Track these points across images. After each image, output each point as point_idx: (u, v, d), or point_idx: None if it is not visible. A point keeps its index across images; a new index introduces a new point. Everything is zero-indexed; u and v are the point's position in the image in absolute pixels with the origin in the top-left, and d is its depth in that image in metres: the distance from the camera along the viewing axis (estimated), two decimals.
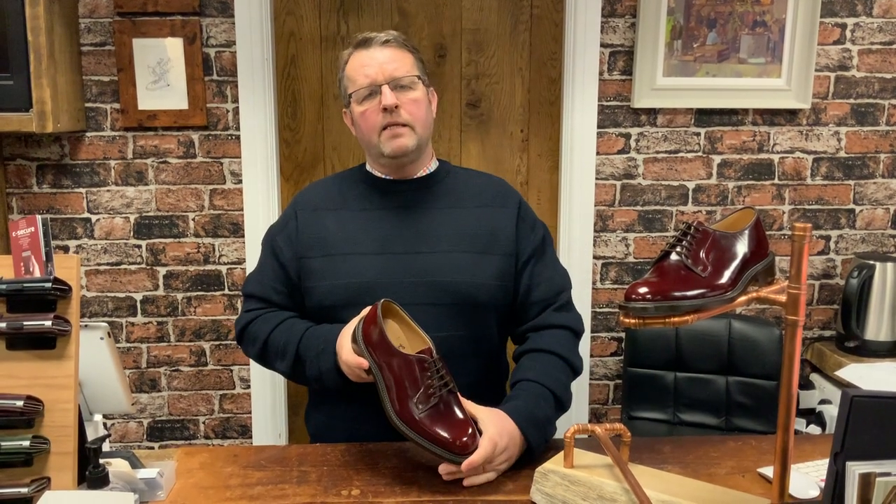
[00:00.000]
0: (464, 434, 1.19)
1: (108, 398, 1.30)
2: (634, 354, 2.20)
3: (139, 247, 2.37)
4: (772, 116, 2.37)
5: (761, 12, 2.30)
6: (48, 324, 1.10)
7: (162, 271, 2.38)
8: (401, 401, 1.20)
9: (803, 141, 2.39)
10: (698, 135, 2.38)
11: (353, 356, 1.26)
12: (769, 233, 2.41)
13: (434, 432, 1.18)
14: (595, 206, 2.39)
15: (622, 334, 2.45)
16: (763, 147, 2.39)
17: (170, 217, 2.36)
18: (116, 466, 1.14)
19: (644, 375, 2.19)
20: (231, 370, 2.43)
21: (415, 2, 2.35)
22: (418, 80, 1.44)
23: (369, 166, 1.54)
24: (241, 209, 2.35)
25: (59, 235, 2.34)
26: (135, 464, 1.21)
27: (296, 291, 1.49)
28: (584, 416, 2.49)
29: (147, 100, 2.27)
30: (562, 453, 1.16)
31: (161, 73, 2.26)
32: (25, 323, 1.10)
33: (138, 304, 2.39)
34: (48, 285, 1.11)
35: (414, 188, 1.49)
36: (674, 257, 1.00)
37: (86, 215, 2.34)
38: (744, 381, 2.11)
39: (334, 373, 1.33)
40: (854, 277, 2.26)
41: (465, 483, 1.21)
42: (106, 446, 1.21)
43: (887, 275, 2.27)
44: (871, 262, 2.28)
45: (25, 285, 1.12)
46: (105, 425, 1.34)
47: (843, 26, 2.34)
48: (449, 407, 1.21)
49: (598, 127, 2.35)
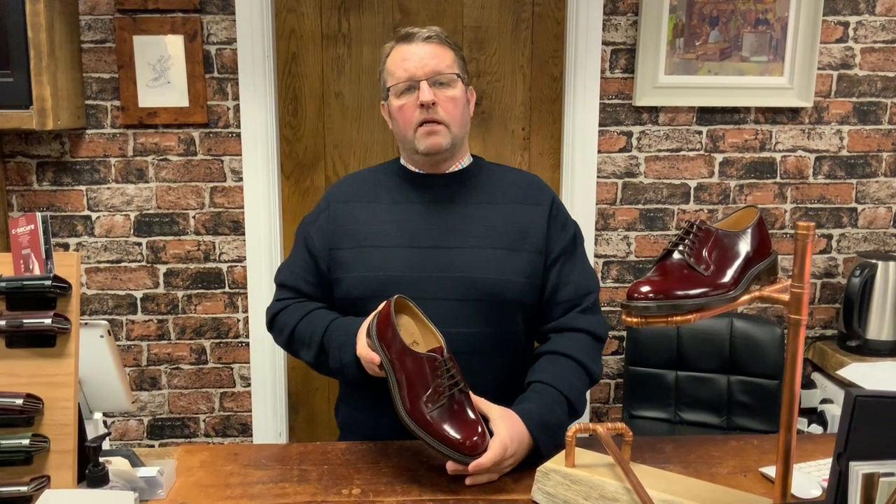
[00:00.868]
0: (473, 434, 1.18)
1: (108, 396, 1.30)
2: (636, 353, 2.19)
3: (139, 244, 2.36)
4: (774, 115, 2.37)
5: (763, 10, 2.29)
6: (48, 322, 1.10)
7: (162, 269, 2.38)
8: (411, 399, 1.19)
9: (805, 139, 2.39)
10: (700, 133, 2.37)
11: (367, 350, 1.27)
12: (770, 231, 2.41)
13: (444, 432, 1.17)
14: (596, 204, 2.38)
15: (623, 333, 2.45)
16: (765, 146, 2.38)
17: (170, 215, 2.35)
18: (116, 465, 1.14)
19: (645, 374, 2.19)
20: (231, 368, 2.43)
21: None
22: (457, 78, 1.44)
23: (403, 160, 1.54)
24: (242, 207, 2.35)
25: (59, 233, 2.34)
26: (135, 462, 1.21)
27: (325, 282, 1.50)
28: (586, 416, 2.49)
29: (147, 97, 2.27)
30: (563, 452, 1.16)
31: (162, 70, 2.26)
32: (25, 321, 1.10)
33: (138, 302, 2.39)
34: (48, 283, 1.11)
35: (446, 183, 1.49)
36: (676, 256, 1.00)
37: (86, 213, 2.34)
38: (745, 380, 2.11)
39: (354, 366, 1.33)
40: (856, 276, 2.26)
41: (468, 482, 1.21)
42: (106, 444, 1.20)
43: (889, 274, 2.26)
44: (874, 261, 2.27)
45: (25, 283, 1.12)
46: (105, 423, 1.33)
47: (846, 24, 2.33)
48: (460, 406, 1.20)
49: (600, 125, 2.34)
